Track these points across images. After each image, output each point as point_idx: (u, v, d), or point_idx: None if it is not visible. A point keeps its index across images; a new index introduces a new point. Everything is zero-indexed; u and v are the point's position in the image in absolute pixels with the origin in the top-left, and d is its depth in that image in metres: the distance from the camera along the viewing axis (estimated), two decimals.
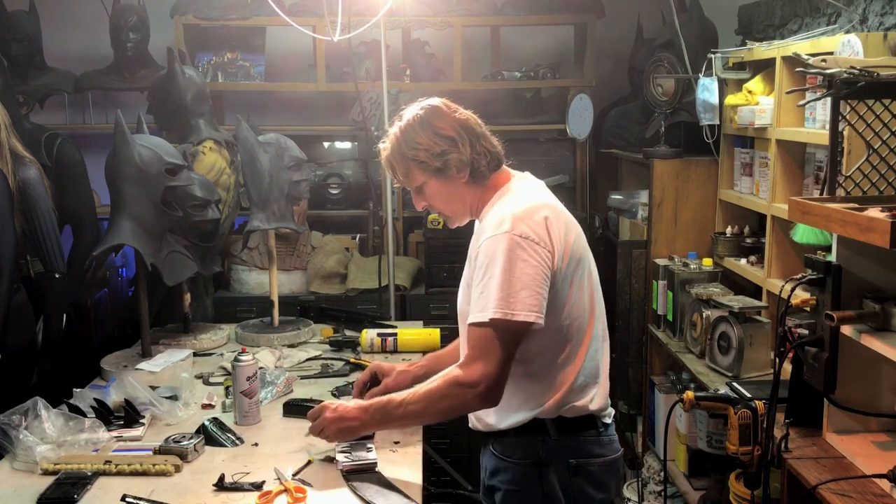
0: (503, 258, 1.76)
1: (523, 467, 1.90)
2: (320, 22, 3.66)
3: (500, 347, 1.76)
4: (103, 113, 4.20)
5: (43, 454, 1.93)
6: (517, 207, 1.83)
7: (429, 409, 1.83)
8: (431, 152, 1.88)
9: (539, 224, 1.81)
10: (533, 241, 1.78)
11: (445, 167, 1.88)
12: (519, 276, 1.75)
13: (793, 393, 2.03)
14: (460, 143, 1.88)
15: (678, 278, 3.00)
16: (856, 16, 2.59)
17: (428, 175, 1.91)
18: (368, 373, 2.22)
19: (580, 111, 3.74)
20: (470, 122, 1.93)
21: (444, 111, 1.92)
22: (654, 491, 3.26)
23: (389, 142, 1.94)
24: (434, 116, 1.91)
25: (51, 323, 2.89)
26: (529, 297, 1.75)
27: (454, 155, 1.88)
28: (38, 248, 2.84)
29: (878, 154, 1.93)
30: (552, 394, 1.87)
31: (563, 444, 1.89)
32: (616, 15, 4.07)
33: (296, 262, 3.73)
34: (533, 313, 1.76)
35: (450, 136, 1.88)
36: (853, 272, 1.85)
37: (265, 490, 1.82)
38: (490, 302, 1.75)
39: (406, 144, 1.90)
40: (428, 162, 1.88)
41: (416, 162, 1.89)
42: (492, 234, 1.80)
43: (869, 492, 1.74)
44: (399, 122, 1.94)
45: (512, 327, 1.76)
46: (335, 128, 4.25)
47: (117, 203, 2.56)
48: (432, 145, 1.88)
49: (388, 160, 1.95)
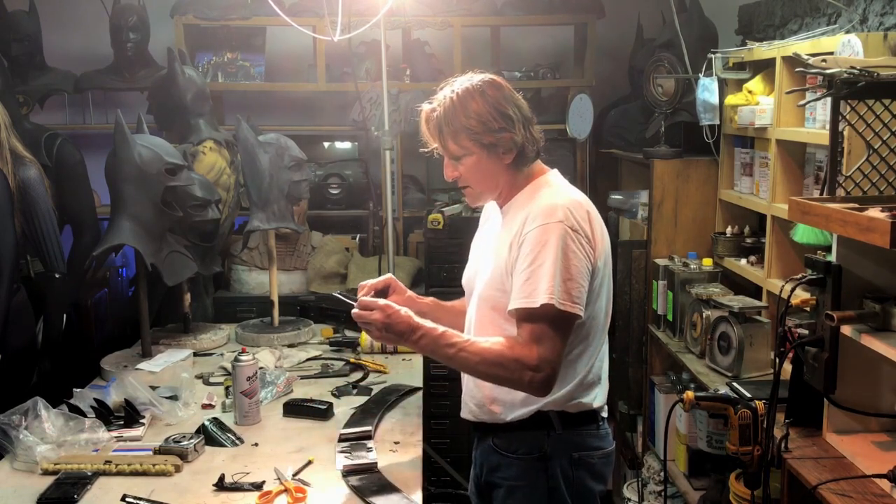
0: (556, 247, 1.75)
1: (528, 461, 1.90)
2: (320, 22, 3.65)
3: (555, 334, 1.76)
4: (103, 113, 4.20)
5: (43, 454, 1.93)
6: (565, 199, 1.83)
7: (480, 367, 1.80)
8: (488, 126, 1.83)
9: (584, 218, 1.82)
10: (582, 234, 1.79)
11: (496, 144, 1.85)
12: (569, 267, 1.76)
13: (793, 393, 2.03)
14: (517, 123, 1.86)
15: (678, 278, 3.00)
16: (856, 16, 2.59)
17: (475, 147, 1.86)
18: (383, 282, 2.08)
19: (580, 111, 3.74)
20: (525, 105, 1.91)
21: (505, 88, 1.89)
22: (654, 491, 3.26)
23: (440, 104, 1.87)
24: (495, 90, 1.87)
25: (51, 323, 2.89)
26: (576, 289, 1.76)
27: (508, 134, 1.85)
28: (38, 248, 2.84)
29: (878, 154, 1.93)
30: (561, 388, 1.87)
31: (566, 437, 1.90)
32: (616, 15, 4.07)
33: (296, 262, 3.73)
34: (577, 306, 1.77)
35: (508, 115, 1.85)
36: (853, 272, 1.85)
37: (265, 490, 1.82)
38: (542, 288, 1.74)
39: (463, 111, 1.84)
40: (481, 134, 1.84)
41: (469, 131, 1.84)
42: (544, 222, 1.78)
43: (869, 492, 1.74)
44: (454, 88, 1.87)
45: (564, 316, 1.76)
46: (335, 128, 4.25)
47: (117, 203, 2.56)
48: (490, 119, 1.83)
49: (436, 123, 1.88)
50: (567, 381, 1.88)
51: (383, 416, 2.25)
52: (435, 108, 1.88)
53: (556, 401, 1.88)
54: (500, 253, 1.88)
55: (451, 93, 1.86)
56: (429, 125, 1.91)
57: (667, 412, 2.93)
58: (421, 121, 1.93)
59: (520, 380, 1.77)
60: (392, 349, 2.78)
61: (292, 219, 2.96)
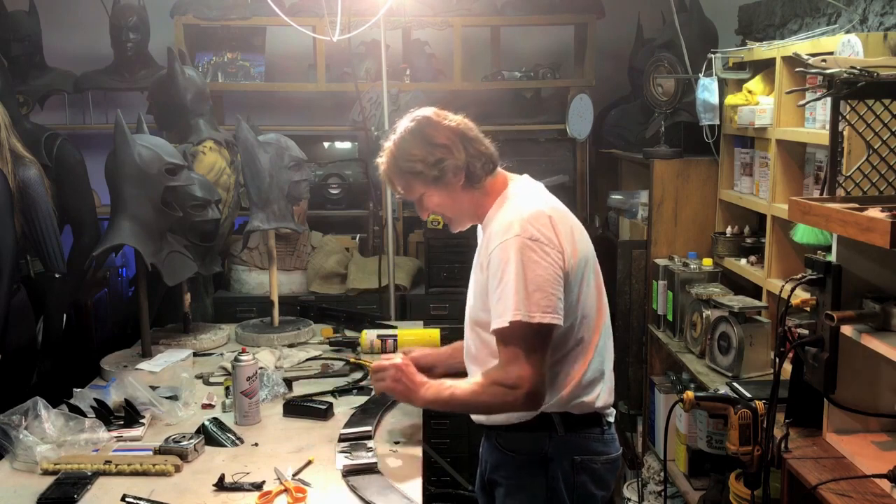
0: (515, 262, 1.78)
1: (529, 462, 1.92)
2: (320, 22, 3.66)
3: (527, 348, 1.78)
4: (103, 113, 4.20)
5: (43, 454, 1.93)
6: (522, 211, 1.85)
7: (472, 403, 1.89)
8: (427, 162, 1.90)
9: (546, 225, 1.83)
10: (542, 242, 1.81)
11: (442, 174, 1.91)
12: (532, 278, 1.78)
13: (793, 393, 2.03)
14: (454, 149, 1.90)
15: (678, 278, 3.00)
16: (856, 16, 2.59)
17: (426, 184, 1.93)
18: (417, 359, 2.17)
19: (580, 111, 3.74)
20: (461, 127, 1.95)
21: (435, 120, 1.94)
22: (654, 491, 3.26)
23: (385, 157, 1.96)
24: (426, 126, 1.93)
25: (51, 323, 2.89)
26: (543, 298, 1.78)
27: (450, 161, 1.90)
28: (38, 248, 2.84)
29: (878, 154, 1.92)
30: (561, 389, 1.89)
31: (568, 440, 1.92)
32: (616, 15, 4.07)
33: (296, 262, 3.73)
34: (548, 314, 1.78)
35: (443, 144, 1.90)
36: (853, 272, 1.85)
37: (265, 490, 1.82)
38: (509, 306, 1.77)
39: (402, 158, 1.92)
40: (425, 172, 1.91)
41: (414, 174, 1.92)
42: (502, 240, 1.82)
43: (869, 492, 1.74)
44: (393, 136, 1.96)
45: (535, 329, 1.78)
46: (335, 128, 4.25)
47: (117, 203, 2.56)
48: (427, 155, 1.90)
49: (387, 175, 1.98)
50: (566, 383, 1.89)
51: (383, 416, 2.25)
52: (384, 162, 1.97)
53: (557, 402, 1.90)
54: (476, 274, 1.96)
55: (391, 144, 1.95)
56: (385, 179, 2.00)
57: (667, 412, 2.93)
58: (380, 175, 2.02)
59: (505, 402, 1.82)
60: (392, 350, 2.77)
61: (292, 219, 2.96)
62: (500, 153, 1.99)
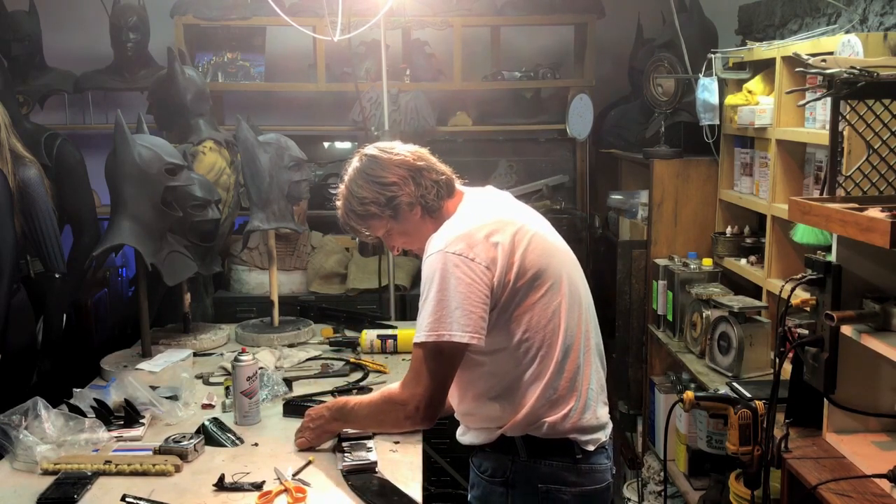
0: (438, 278, 1.77)
1: (492, 485, 1.88)
2: (320, 22, 3.66)
3: (431, 369, 1.78)
4: (103, 113, 4.20)
5: (43, 454, 1.93)
6: (457, 227, 1.84)
7: (370, 419, 1.97)
8: (379, 203, 1.91)
9: (478, 241, 1.79)
10: (468, 258, 1.76)
11: (396, 212, 1.92)
12: (453, 295, 1.74)
13: (793, 393, 2.03)
14: (403, 185, 1.91)
15: (678, 278, 3.00)
16: (856, 16, 2.59)
17: (385, 222, 1.94)
18: None
19: (580, 111, 3.74)
20: (409, 159, 1.94)
21: (382, 158, 1.94)
22: (654, 491, 3.26)
23: (341, 203, 1.98)
24: (373, 166, 1.93)
25: (51, 323, 2.89)
26: (463, 316, 1.74)
27: (401, 198, 1.91)
28: (38, 248, 2.84)
29: (878, 154, 1.93)
30: (515, 412, 1.82)
31: (532, 466, 1.84)
32: (616, 15, 4.07)
33: (296, 262, 3.73)
34: (468, 333, 1.74)
35: (392, 182, 1.91)
36: (853, 272, 1.85)
37: (265, 490, 1.82)
38: (424, 324, 1.77)
39: (355, 202, 1.94)
40: (379, 213, 1.92)
41: (369, 215, 1.94)
42: (428, 255, 1.82)
43: (869, 492, 1.74)
44: (344, 180, 1.97)
45: (445, 349, 1.76)
46: (335, 128, 4.25)
47: (117, 203, 2.56)
48: (378, 196, 1.91)
49: (346, 221, 1.99)
50: (520, 404, 1.82)
51: None
52: (340, 210, 2.00)
53: (513, 426, 1.83)
54: None
55: (343, 189, 1.97)
56: (346, 227, 2.02)
57: (667, 412, 2.93)
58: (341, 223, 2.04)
59: (396, 418, 1.87)
60: (392, 350, 2.77)
61: (292, 219, 2.96)
62: (500, 153, 1.99)
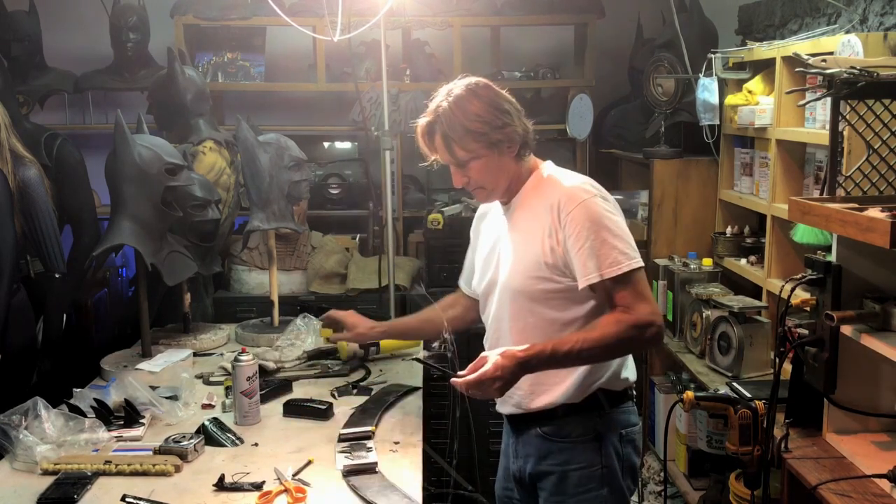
0: (603, 217, 1.84)
1: (582, 444, 1.95)
2: (320, 22, 3.65)
3: (644, 288, 1.84)
4: (103, 113, 4.20)
5: (43, 454, 1.93)
6: (579, 178, 1.94)
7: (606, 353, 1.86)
8: (492, 124, 1.87)
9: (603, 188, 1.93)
10: (610, 200, 1.90)
11: (502, 140, 1.89)
12: (624, 228, 1.86)
13: (793, 393, 2.03)
14: (514, 116, 1.90)
15: (678, 278, 3.00)
16: (856, 16, 2.59)
17: (482, 147, 1.89)
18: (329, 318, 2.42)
19: (580, 111, 3.74)
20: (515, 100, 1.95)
21: (493, 86, 1.93)
22: (654, 491, 3.26)
23: (439, 115, 1.90)
24: (486, 89, 1.91)
25: (51, 323, 2.89)
26: (632, 246, 1.86)
27: (510, 128, 1.89)
28: (38, 248, 2.84)
29: (878, 154, 1.93)
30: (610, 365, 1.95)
31: (614, 416, 1.98)
32: (616, 15, 4.07)
33: (296, 262, 3.72)
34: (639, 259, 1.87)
35: (506, 109, 1.90)
36: (853, 272, 1.85)
37: (265, 490, 1.81)
38: (617, 255, 1.81)
39: (464, 115, 1.87)
40: (488, 133, 1.87)
41: (474, 133, 1.87)
42: (581, 200, 1.85)
43: (869, 492, 1.74)
44: (447, 97, 1.90)
45: (642, 271, 1.86)
46: (335, 128, 4.25)
47: (117, 203, 2.56)
48: (493, 118, 1.88)
49: (440, 133, 1.90)
50: None
51: (383, 416, 2.25)
52: (433, 120, 1.91)
53: (606, 379, 1.95)
54: (531, 246, 1.92)
55: (444, 102, 1.90)
56: (428, 138, 1.94)
57: (667, 412, 2.93)
58: (417, 136, 1.96)
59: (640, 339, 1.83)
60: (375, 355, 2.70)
61: (292, 219, 2.96)
62: None
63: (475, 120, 1.87)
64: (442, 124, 1.89)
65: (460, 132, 1.88)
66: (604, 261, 1.81)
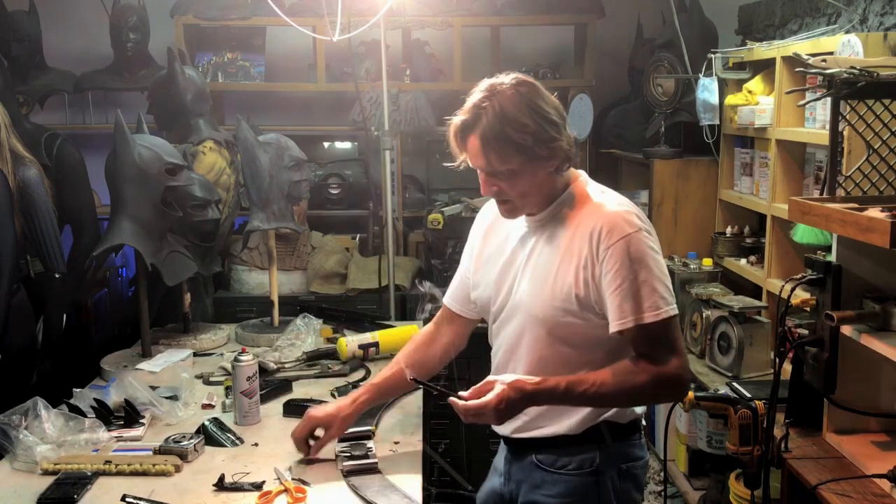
0: (647, 256, 1.67)
1: (581, 477, 1.81)
2: (320, 22, 3.66)
3: (677, 338, 1.69)
4: (103, 113, 4.20)
5: (43, 454, 1.93)
6: (623, 204, 1.76)
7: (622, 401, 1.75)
8: (540, 139, 1.67)
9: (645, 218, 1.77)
10: (653, 235, 1.73)
11: (547, 156, 1.69)
12: (665, 270, 1.71)
13: (793, 393, 2.03)
14: (562, 128, 1.71)
15: (678, 278, 3.00)
16: (856, 16, 2.59)
17: (523, 161, 1.68)
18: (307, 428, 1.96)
19: (580, 111, 3.74)
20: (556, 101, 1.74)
21: (544, 91, 1.71)
22: (654, 491, 3.26)
23: (480, 114, 1.67)
24: (537, 97, 1.68)
25: (51, 323, 2.89)
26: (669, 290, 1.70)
27: (558, 144, 1.69)
28: (38, 248, 2.84)
29: (878, 154, 1.93)
30: None
31: (616, 450, 1.83)
32: (616, 15, 4.07)
33: (296, 262, 3.73)
34: None
35: (554, 122, 1.69)
36: (853, 272, 1.85)
37: (265, 490, 1.81)
38: (657, 300, 1.65)
39: (508, 123, 1.65)
40: (533, 148, 1.66)
41: (519, 146, 1.66)
42: (625, 234, 1.67)
43: (869, 492, 1.74)
44: (489, 96, 1.67)
45: (675, 320, 1.70)
46: (335, 128, 4.25)
47: (117, 203, 2.56)
48: (540, 131, 1.66)
49: (482, 134, 1.67)
50: None
51: (383, 415, 2.25)
52: (471, 120, 1.69)
53: (613, 412, 1.80)
54: (561, 273, 1.74)
55: (486, 102, 1.67)
56: (461, 137, 1.71)
57: (667, 412, 2.92)
58: (449, 134, 1.74)
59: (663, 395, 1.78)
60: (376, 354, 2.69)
61: (292, 219, 2.96)
62: None
63: (521, 130, 1.65)
64: (482, 126, 1.67)
65: (501, 140, 1.66)
66: (642, 304, 1.64)
